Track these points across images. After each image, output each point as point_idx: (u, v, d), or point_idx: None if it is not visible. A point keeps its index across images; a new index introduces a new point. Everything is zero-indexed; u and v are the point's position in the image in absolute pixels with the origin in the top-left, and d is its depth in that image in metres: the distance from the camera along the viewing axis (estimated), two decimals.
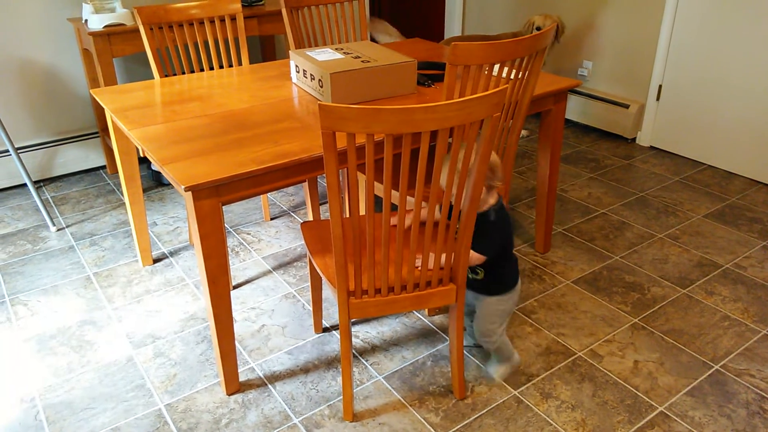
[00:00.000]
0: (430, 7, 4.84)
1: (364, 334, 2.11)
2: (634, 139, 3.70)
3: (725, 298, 2.28)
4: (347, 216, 2.42)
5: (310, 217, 2.74)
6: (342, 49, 2.19)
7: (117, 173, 3.38)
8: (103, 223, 2.85)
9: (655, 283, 2.36)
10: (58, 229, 2.80)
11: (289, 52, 2.24)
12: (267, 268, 2.49)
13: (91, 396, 1.86)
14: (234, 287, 2.38)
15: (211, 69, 3.52)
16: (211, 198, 1.56)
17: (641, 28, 3.47)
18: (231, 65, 3.53)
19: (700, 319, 2.16)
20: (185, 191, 1.50)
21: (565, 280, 2.38)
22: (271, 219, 2.88)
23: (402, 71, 2.05)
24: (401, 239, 1.52)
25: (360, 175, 2.27)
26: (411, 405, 1.82)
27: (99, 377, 1.94)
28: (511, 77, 1.86)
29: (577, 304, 2.25)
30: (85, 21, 2.88)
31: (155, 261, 2.54)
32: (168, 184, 3.25)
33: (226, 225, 2.83)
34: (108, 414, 1.80)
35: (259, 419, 1.77)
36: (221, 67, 3.33)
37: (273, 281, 2.40)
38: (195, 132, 1.81)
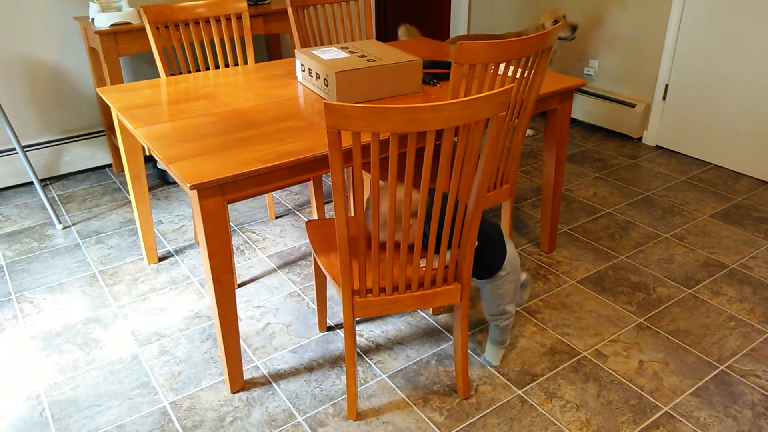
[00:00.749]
0: (435, 7, 4.83)
1: (368, 332, 2.11)
2: (640, 139, 3.68)
3: (731, 298, 2.27)
4: (352, 215, 2.42)
5: (314, 216, 2.74)
6: (348, 48, 2.19)
7: (123, 172, 3.40)
8: (109, 221, 2.86)
9: (661, 283, 2.35)
10: (64, 227, 2.82)
11: (295, 50, 2.24)
12: (272, 266, 2.50)
13: (97, 393, 1.87)
14: (239, 285, 2.38)
15: (217, 68, 3.52)
16: (217, 196, 1.56)
17: (648, 27, 3.46)
18: (237, 64, 3.54)
19: (705, 320, 2.16)
20: (191, 190, 1.51)
21: (570, 279, 2.38)
22: (276, 218, 2.88)
23: (407, 70, 2.05)
24: (405, 239, 1.52)
25: (365, 174, 2.27)
26: (415, 404, 1.82)
27: (104, 375, 1.94)
28: (517, 76, 1.85)
29: (582, 303, 2.24)
30: (92, 20, 2.90)
31: (161, 259, 2.55)
32: (173, 182, 3.26)
33: (231, 223, 2.83)
34: (113, 411, 1.81)
35: (264, 417, 1.78)
36: (227, 66, 3.33)
37: (278, 280, 2.41)
38: (201, 130, 1.81)
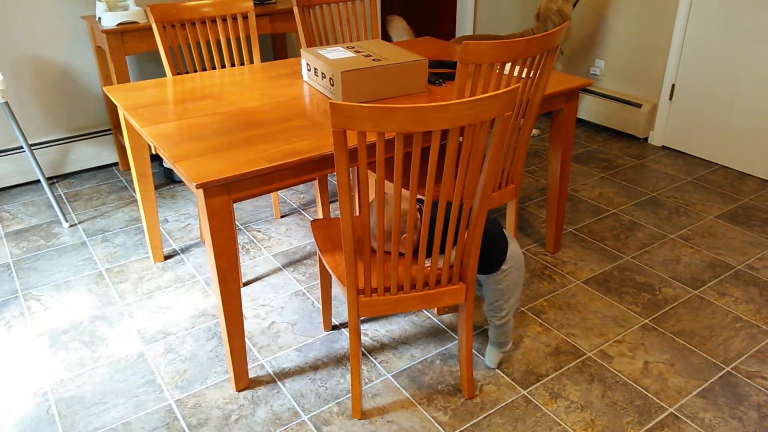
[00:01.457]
0: (441, 6, 4.83)
1: (373, 332, 2.12)
2: (646, 139, 3.67)
3: (737, 299, 2.26)
4: (357, 214, 2.42)
5: (320, 215, 2.75)
6: (353, 48, 2.20)
7: (129, 170, 3.41)
8: (115, 220, 2.87)
9: (667, 284, 2.35)
10: (70, 225, 2.83)
11: (301, 50, 2.24)
12: (277, 265, 2.50)
13: (103, 391, 1.88)
14: (244, 284, 2.39)
15: (223, 67, 3.53)
16: (222, 195, 1.57)
17: (654, 26, 3.44)
18: (243, 63, 3.55)
19: (711, 321, 2.15)
20: (196, 188, 1.51)
21: (576, 280, 2.38)
22: (282, 217, 2.89)
23: (413, 70, 2.05)
24: (410, 238, 1.52)
25: (370, 174, 2.27)
26: (419, 403, 1.82)
27: (110, 372, 1.95)
28: (523, 76, 1.85)
29: (588, 304, 2.24)
30: (99, 19, 2.91)
31: (166, 258, 2.56)
32: (179, 181, 3.27)
33: (236, 222, 2.84)
34: (119, 409, 1.81)
35: (268, 416, 1.78)
36: (233, 65, 3.34)
37: (283, 279, 2.41)
38: (207, 130, 1.82)
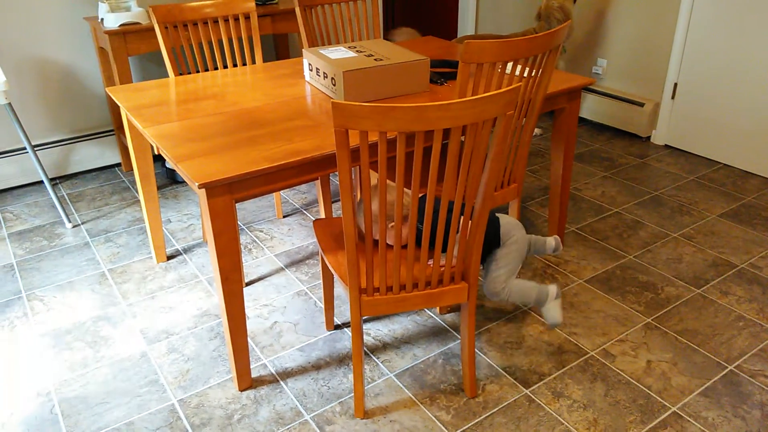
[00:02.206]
0: (443, 6, 4.83)
1: (375, 331, 2.12)
2: (648, 138, 3.67)
3: (740, 298, 2.26)
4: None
5: (322, 215, 2.75)
6: (355, 48, 2.20)
7: (132, 171, 3.41)
8: (118, 220, 2.87)
9: (669, 283, 2.34)
10: (73, 226, 2.83)
11: (303, 50, 2.24)
12: (279, 265, 2.50)
13: (106, 390, 1.89)
14: (247, 284, 2.39)
15: (225, 67, 3.54)
16: (225, 195, 1.57)
17: (657, 25, 3.44)
18: (245, 63, 3.55)
19: (714, 320, 2.15)
20: (199, 188, 1.52)
21: (578, 279, 2.37)
22: (284, 216, 2.89)
23: (415, 69, 2.05)
24: (413, 238, 1.52)
25: (372, 173, 2.27)
26: (422, 403, 1.82)
27: (113, 372, 1.96)
28: (525, 75, 1.85)
29: (590, 303, 2.24)
30: (101, 20, 2.91)
31: (169, 258, 2.56)
32: (182, 181, 3.27)
33: (239, 222, 2.84)
34: (122, 408, 1.82)
35: (271, 415, 1.79)
36: (235, 66, 3.34)
37: (285, 278, 2.42)
38: (209, 130, 1.82)
